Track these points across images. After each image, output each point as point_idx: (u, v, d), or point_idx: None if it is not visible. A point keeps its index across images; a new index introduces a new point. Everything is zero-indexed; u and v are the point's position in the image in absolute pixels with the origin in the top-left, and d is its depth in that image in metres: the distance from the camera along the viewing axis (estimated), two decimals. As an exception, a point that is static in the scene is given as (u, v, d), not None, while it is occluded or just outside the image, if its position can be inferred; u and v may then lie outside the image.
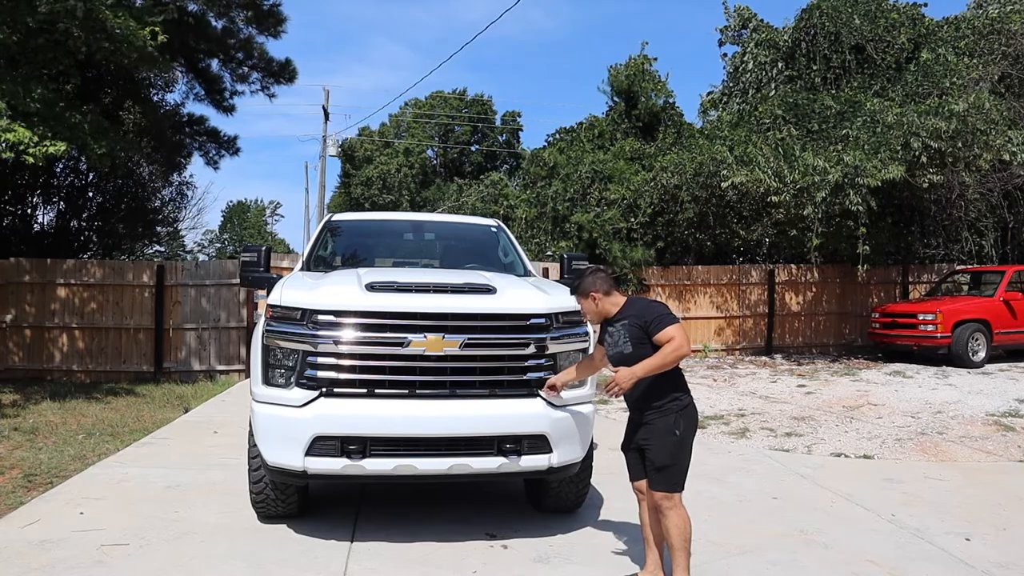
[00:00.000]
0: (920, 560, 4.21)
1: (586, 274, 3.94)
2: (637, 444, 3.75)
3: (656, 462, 3.61)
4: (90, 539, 4.33)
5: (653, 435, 3.64)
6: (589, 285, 3.86)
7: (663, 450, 3.61)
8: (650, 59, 18.52)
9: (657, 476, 3.61)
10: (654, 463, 3.62)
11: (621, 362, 3.72)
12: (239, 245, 48.90)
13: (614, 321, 3.81)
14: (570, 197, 16.25)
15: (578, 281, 3.94)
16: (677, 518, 3.58)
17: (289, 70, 15.86)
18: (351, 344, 4.07)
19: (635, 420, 3.80)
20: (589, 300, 3.86)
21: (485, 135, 43.76)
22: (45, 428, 7.60)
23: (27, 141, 8.65)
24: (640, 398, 3.71)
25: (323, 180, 30.96)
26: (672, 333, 3.61)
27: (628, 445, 3.86)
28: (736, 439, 7.48)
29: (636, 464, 3.81)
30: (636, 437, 3.76)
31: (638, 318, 3.72)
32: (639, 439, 3.73)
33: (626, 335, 3.72)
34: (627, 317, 3.76)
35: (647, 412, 3.69)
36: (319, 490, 5.20)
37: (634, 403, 3.77)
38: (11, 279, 11.76)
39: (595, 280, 3.86)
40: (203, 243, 51.63)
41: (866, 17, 16.18)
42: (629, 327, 3.72)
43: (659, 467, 3.60)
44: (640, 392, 3.68)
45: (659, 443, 3.62)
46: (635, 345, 3.68)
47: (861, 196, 12.35)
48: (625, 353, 3.71)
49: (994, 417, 8.21)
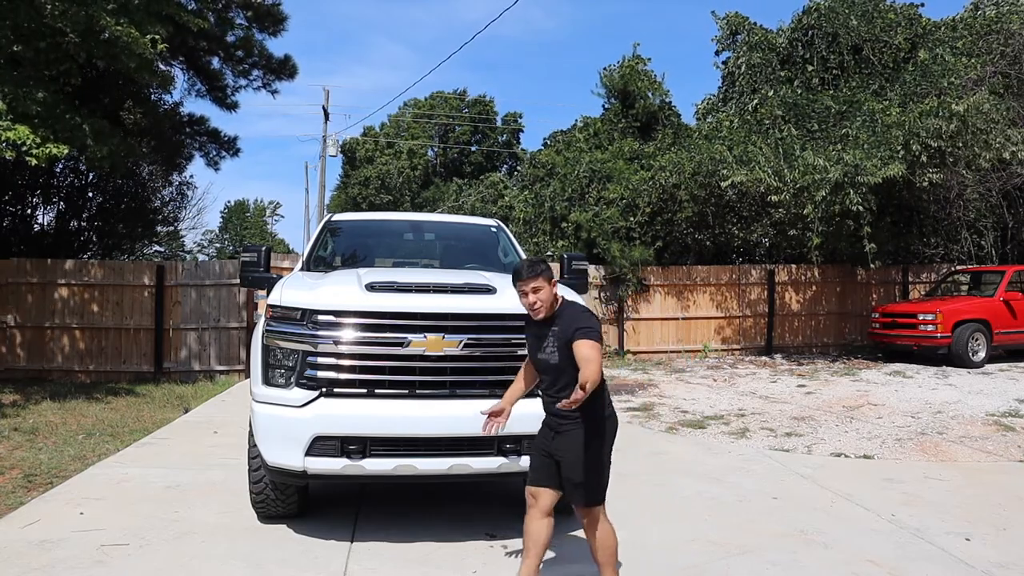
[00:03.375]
0: (920, 560, 4.21)
1: (533, 260, 3.50)
2: (549, 451, 3.43)
3: (573, 477, 3.33)
4: (90, 539, 4.33)
5: (569, 447, 3.34)
6: (547, 269, 3.42)
7: (578, 464, 3.32)
8: (644, 59, 18.56)
9: (575, 491, 3.35)
10: (571, 478, 3.34)
11: (547, 371, 3.43)
12: (239, 245, 48.88)
13: (548, 324, 3.43)
14: (568, 196, 16.25)
15: (531, 264, 3.43)
16: (602, 532, 3.36)
17: (289, 66, 15.90)
18: (351, 344, 4.07)
19: (551, 425, 3.48)
20: (546, 288, 3.41)
21: (485, 135, 43.74)
22: (45, 428, 7.60)
23: (29, 142, 8.65)
24: (555, 404, 3.37)
25: (323, 180, 30.98)
26: (589, 354, 3.21)
27: (539, 445, 3.52)
28: (736, 439, 7.48)
29: (540, 469, 3.47)
30: (551, 445, 3.43)
31: (567, 326, 3.36)
32: (553, 448, 3.41)
33: (555, 342, 3.36)
34: (559, 323, 3.41)
35: (564, 420, 3.36)
36: (319, 490, 5.20)
37: (549, 406, 3.47)
38: (11, 279, 11.77)
39: (548, 267, 3.45)
40: (203, 243, 51.62)
41: (863, 18, 16.19)
42: (559, 335, 3.36)
43: (576, 482, 3.34)
44: (554, 398, 3.38)
45: (575, 457, 3.32)
46: (561, 355, 3.34)
47: (861, 195, 12.35)
48: (551, 363, 3.39)
49: (994, 417, 8.21)
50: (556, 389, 3.39)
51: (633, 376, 12.22)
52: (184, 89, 16.07)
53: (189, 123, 16.51)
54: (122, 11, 9.42)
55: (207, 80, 15.75)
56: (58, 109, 9.39)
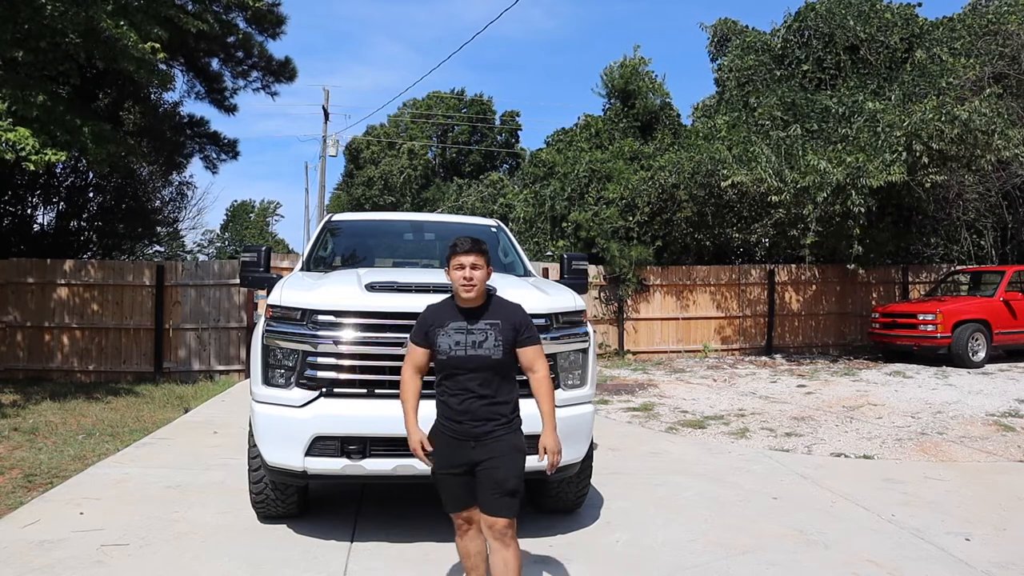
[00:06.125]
0: (920, 560, 4.21)
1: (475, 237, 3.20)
2: (471, 464, 3.03)
3: (508, 484, 2.99)
4: (90, 539, 4.33)
5: (503, 453, 3.02)
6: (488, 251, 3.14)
7: (513, 470, 3.02)
8: (645, 60, 18.61)
9: (508, 501, 3.00)
10: (504, 486, 2.98)
11: (474, 369, 3.02)
12: (239, 245, 48.89)
13: (477, 316, 3.10)
14: (568, 196, 16.26)
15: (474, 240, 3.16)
16: (517, 547, 3.03)
17: (289, 68, 15.90)
18: (351, 344, 4.07)
19: (467, 433, 3.03)
20: (484, 269, 3.10)
21: (484, 135, 43.73)
22: (45, 428, 7.60)
23: (28, 147, 8.66)
24: (483, 407, 3.03)
25: (323, 180, 30.98)
26: (540, 364, 3.07)
27: (452, 464, 3.07)
28: (736, 439, 7.48)
29: (461, 487, 3.08)
30: (471, 456, 3.03)
31: (511, 321, 3.09)
32: (477, 457, 3.02)
33: (498, 338, 3.04)
34: (499, 317, 3.10)
35: (491, 423, 3.02)
36: (319, 490, 5.20)
37: (469, 411, 3.03)
38: (11, 279, 11.77)
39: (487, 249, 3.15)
40: (203, 243, 51.59)
41: (859, 18, 16.19)
42: (503, 330, 3.06)
43: (511, 490, 3.00)
44: (482, 399, 3.03)
45: (510, 462, 3.02)
46: (506, 353, 3.05)
47: (863, 197, 12.35)
48: (493, 359, 3.02)
49: (994, 417, 8.21)
50: (484, 391, 3.04)
51: (633, 376, 12.22)
52: (183, 91, 16.09)
53: (189, 125, 16.51)
54: (121, 12, 9.42)
55: (206, 82, 15.76)
56: (58, 111, 9.39)
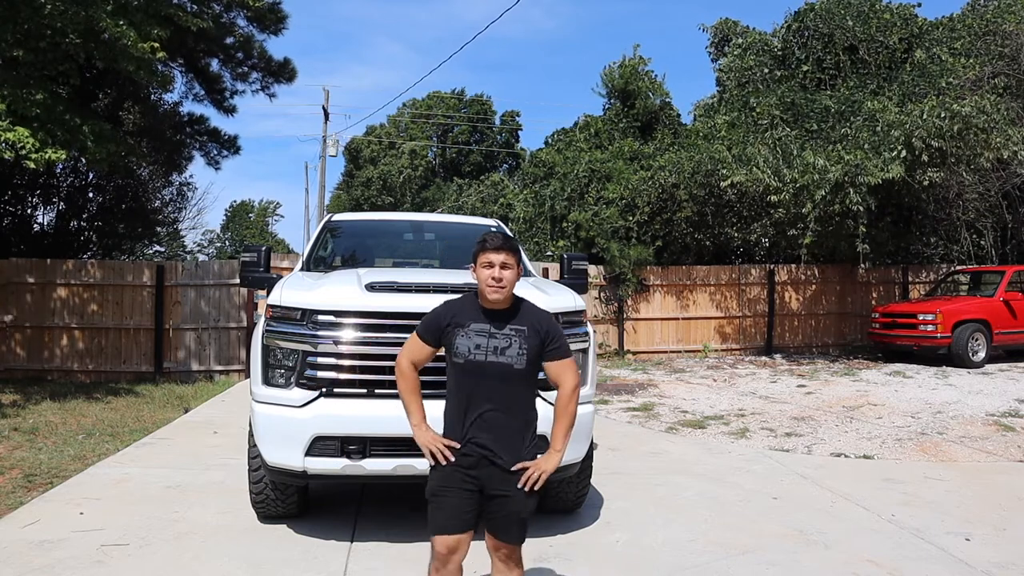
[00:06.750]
0: (920, 560, 4.21)
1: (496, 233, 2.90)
2: (480, 485, 2.74)
3: (523, 512, 2.76)
4: (90, 539, 4.33)
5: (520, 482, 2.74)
6: (517, 245, 2.84)
7: (533, 498, 2.77)
8: (645, 60, 18.61)
9: (519, 531, 2.80)
10: (520, 513, 2.76)
11: (493, 378, 2.70)
12: (239, 245, 48.88)
13: (503, 320, 2.78)
14: (568, 196, 16.26)
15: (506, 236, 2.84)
16: (522, 572, 2.87)
17: (288, 69, 15.88)
18: (351, 344, 4.07)
19: (473, 452, 2.73)
20: (515, 270, 2.76)
21: (484, 135, 43.73)
22: (45, 428, 7.60)
23: (28, 146, 8.66)
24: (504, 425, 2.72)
25: (323, 180, 30.98)
26: (572, 377, 2.78)
27: (460, 479, 2.72)
28: (736, 439, 7.48)
29: (461, 509, 2.72)
30: (481, 475, 2.73)
31: (538, 329, 2.77)
32: (487, 477, 2.72)
33: (523, 346, 2.72)
34: (525, 323, 2.78)
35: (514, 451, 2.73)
36: (319, 490, 5.20)
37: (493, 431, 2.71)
38: (11, 279, 11.77)
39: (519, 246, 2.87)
40: (203, 243, 51.59)
41: (859, 18, 16.20)
42: (528, 337, 2.74)
43: (523, 518, 2.79)
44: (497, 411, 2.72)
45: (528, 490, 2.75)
46: (530, 363, 2.75)
47: (861, 195, 12.35)
48: (515, 368, 2.71)
49: (994, 417, 8.21)
50: (497, 402, 2.73)
51: (633, 376, 12.22)
52: (183, 92, 16.08)
53: (189, 122, 16.49)
54: (121, 12, 9.41)
55: (206, 82, 15.73)
56: (58, 110, 9.39)
